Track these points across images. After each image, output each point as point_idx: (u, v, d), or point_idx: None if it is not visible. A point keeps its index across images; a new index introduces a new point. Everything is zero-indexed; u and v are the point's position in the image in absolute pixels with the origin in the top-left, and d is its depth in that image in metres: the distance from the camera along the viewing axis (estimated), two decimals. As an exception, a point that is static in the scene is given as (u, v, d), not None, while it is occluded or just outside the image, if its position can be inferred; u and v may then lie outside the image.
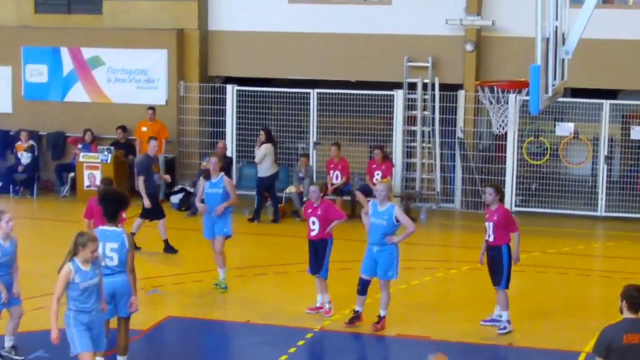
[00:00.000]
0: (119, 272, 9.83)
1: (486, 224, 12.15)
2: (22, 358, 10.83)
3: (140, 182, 16.11)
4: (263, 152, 19.38)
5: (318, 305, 12.84)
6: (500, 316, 12.26)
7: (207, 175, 14.17)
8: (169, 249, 16.16)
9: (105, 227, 9.90)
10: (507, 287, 12.07)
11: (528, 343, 11.95)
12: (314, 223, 12.54)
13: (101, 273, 9.21)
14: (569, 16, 10.52)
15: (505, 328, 12.13)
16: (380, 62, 21.14)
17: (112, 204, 9.99)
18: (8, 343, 10.88)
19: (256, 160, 19.56)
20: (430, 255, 17.04)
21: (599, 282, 15.61)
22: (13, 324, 10.82)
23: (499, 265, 12.05)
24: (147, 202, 15.92)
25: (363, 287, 12.24)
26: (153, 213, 16.11)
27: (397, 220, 11.97)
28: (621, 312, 7.91)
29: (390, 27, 21.03)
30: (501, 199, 12.25)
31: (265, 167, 19.47)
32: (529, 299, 13.39)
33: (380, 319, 12.19)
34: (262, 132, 19.71)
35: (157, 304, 13.30)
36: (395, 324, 12.33)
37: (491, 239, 12.09)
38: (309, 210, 12.64)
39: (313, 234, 12.58)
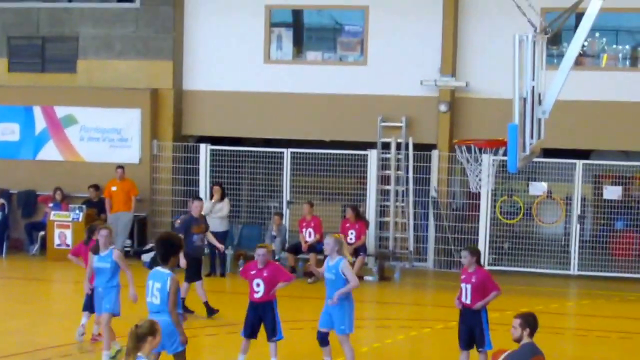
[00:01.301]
0: (163, 311, 10.17)
1: (462, 285, 11.88)
2: None
3: None
4: (229, 206, 19.62)
5: None
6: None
7: (95, 248, 13.07)
8: (211, 311, 15.71)
9: (159, 268, 10.43)
10: (491, 347, 11.84)
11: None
12: (258, 285, 12.27)
13: None
14: (545, 77, 10.61)
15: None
16: (355, 122, 21.22)
17: (163, 247, 10.50)
18: None
19: (223, 214, 19.61)
20: (403, 314, 16.93)
21: (573, 341, 15.57)
22: None
23: (478, 327, 11.84)
24: (183, 262, 15.03)
25: (323, 340, 12.07)
26: (191, 274, 15.55)
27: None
28: (520, 339, 8.69)
29: (364, 87, 21.16)
30: (478, 261, 12.00)
31: (226, 222, 19.73)
32: (503, 358, 13.32)
33: (352, 376, 11.98)
34: (217, 188, 19.90)
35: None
36: (369, 383, 12.20)
37: (468, 301, 11.82)
38: (252, 272, 12.31)
39: (257, 296, 12.30)
